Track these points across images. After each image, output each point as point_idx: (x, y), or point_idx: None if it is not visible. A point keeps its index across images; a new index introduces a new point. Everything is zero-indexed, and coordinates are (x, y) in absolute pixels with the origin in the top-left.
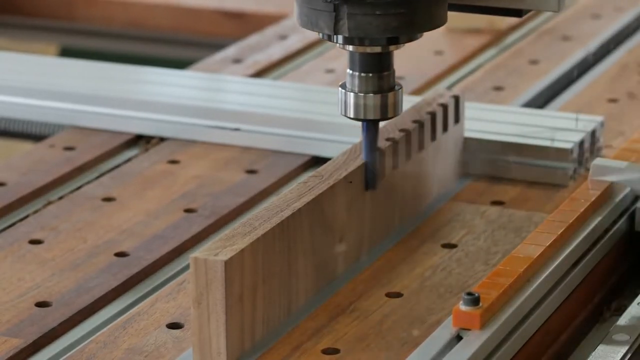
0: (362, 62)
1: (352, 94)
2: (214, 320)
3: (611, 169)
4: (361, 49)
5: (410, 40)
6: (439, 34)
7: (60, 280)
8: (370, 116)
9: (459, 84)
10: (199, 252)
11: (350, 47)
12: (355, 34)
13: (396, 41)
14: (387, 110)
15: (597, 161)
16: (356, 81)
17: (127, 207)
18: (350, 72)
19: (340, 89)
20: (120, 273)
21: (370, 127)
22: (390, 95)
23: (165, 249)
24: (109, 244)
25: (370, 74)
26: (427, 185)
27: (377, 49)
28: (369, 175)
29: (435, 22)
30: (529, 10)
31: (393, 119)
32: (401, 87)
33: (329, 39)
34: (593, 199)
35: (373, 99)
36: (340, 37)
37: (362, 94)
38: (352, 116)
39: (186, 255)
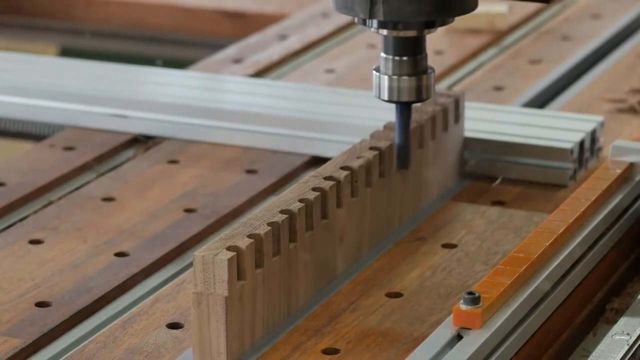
0: (396, 45)
1: (386, 76)
2: (214, 320)
3: (631, 150)
4: (395, 33)
5: (444, 24)
6: (439, 34)
7: (60, 280)
8: (404, 98)
9: (459, 84)
10: (199, 252)
11: (385, 32)
12: (389, 18)
13: (431, 25)
14: (421, 92)
15: (617, 142)
16: (390, 64)
17: (127, 207)
18: (384, 55)
19: (374, 72)
20: (120, 273)
21: (404, 109)
22: (424, 77)
23: (165, 249)
24: (109, 244)
25: (405, 57)
26: (427, 185)
27: (412, 33)
28: (401, 156)
29: (467, 6)
30: None
31: (393, 121)
32: (433, 71)
33: (364, 23)
34: (601, 190)
35: (407, 82)
36: (375, 22)
37: (395, 77)
38: (386, 98)
39: (186, 255)
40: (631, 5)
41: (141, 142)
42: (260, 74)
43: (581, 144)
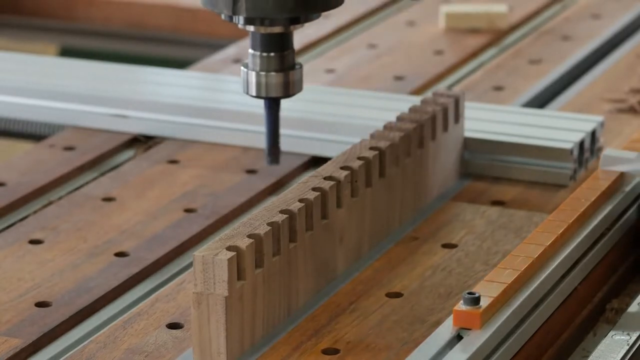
0: (263, 41)
1: (253, 72)
2: (214, 320)
3: (621, 160)
4: (262, 29)
5: (309, 20)
6: (439, 34)
7: (60, 280)
8: (272, 94)
9: (459, 84)
10: (199, 252)
11: (251, 28)
12: (252, 14)
13: (296, 21)
14: (289, 87)
15: (608, 152)
16: (258, 60)
17: (127, 207)
18: (252, 51)
19: (242, 68)
20: (120, 273)
21: (272, 104)
22: (291, 73)
23: (165, 249)
24: (109, 244)
25: (272, 53)
26: (427, 185)
27: (278, 29)
28: (271, 151)
29: (332, 2)
30: None
31: (393, 121)
32: (301, 66)
33: (230, 19)
34: (600, 192)
35: (275, 77)
36: (241, 18)
37: (263, 73)
38: (254, 94)
39: (186, 255)
40: (631, 5)
41: (141, 142)
42: None
43: (581, 144)
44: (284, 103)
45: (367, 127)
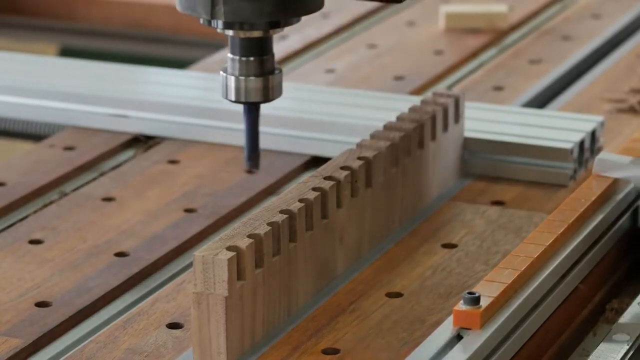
0: (242, 46)
1: (233, 77)
2: (214, 320)
3: (615, 164)
4: (241, 34)
5: (289, 24)
6: (439, 34)
7: (60, 280)
8: (251, 99)
9: (459, 84)
10: (199, 252)
11: (230, 32)
12: (231, 19)
13: (276, 25)
14: (268, 92)
15: (602, 155)
16: (237, 65)
17: (127, 207)
18: (231, 56)
19: (221, 72)
20: (120, 273)
21: (252, 109)
22: (271, 78)
23: (165, 249)
24: (109, 244)
25: (251, 58)
26: (427, 185)
27: (257, 34)
28: (251, 156)
29: (311, 6)
30: None
31: (393, 121)
32: (281, 71)
33: (209, 24)
34: (594, 197)
35: (254, 82)
36: (219, 22)
37: (242, 77)
38: (233, 99)
39: (186, 255)
40: (631, 5)
41: (141, 142)
42: None
43: (581, 144)
44: (284, 103)
45: (367, 127)
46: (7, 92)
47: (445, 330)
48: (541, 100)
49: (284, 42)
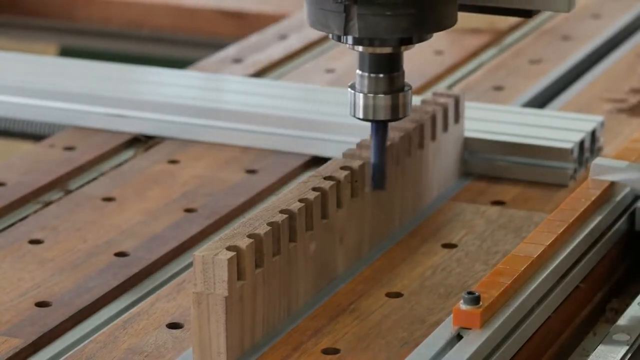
0: (371, 62)
1: (361, 94)
2: (214, 320)
3: (611, 168)
4: (371, 50)
5: (421, 40)
6: (439, 34)
7: (60, 280)
8: (380, 117)
9: (459, 84)
10: (199, 252)
11: (360, 48)
12: (365, 35)
13: (407, 41)
14: (398, 110)
15: (598, 160)
16: (366, 82)
17: (127, 207)
18: (360, 72)
19: (349, 89)
20: (120, 273)
21: (380, 128)
22: (401, 95)
23: (165, 249)
24: (109, 244)
25: (381, 75)
26: (427, 185)
27: (388, 50)
28: (377, 176)
29: (445, 22)
30: (538, 11)
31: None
32: (410, 88)
33: (339, 39)
34: (593, 198)
35: (383, 100)
36: (350, 38)
37: (371, 95)
38: (361, 117)
39: (186, 255)
40: (631, 5)
41: (141, 142)
42: (260, 73)
43: (581, 144)
44: (284, 103)
45: (367, 127)
46: (7, 92)
47: (445, 330)
48: (541, 100)
49: (284, 42)
